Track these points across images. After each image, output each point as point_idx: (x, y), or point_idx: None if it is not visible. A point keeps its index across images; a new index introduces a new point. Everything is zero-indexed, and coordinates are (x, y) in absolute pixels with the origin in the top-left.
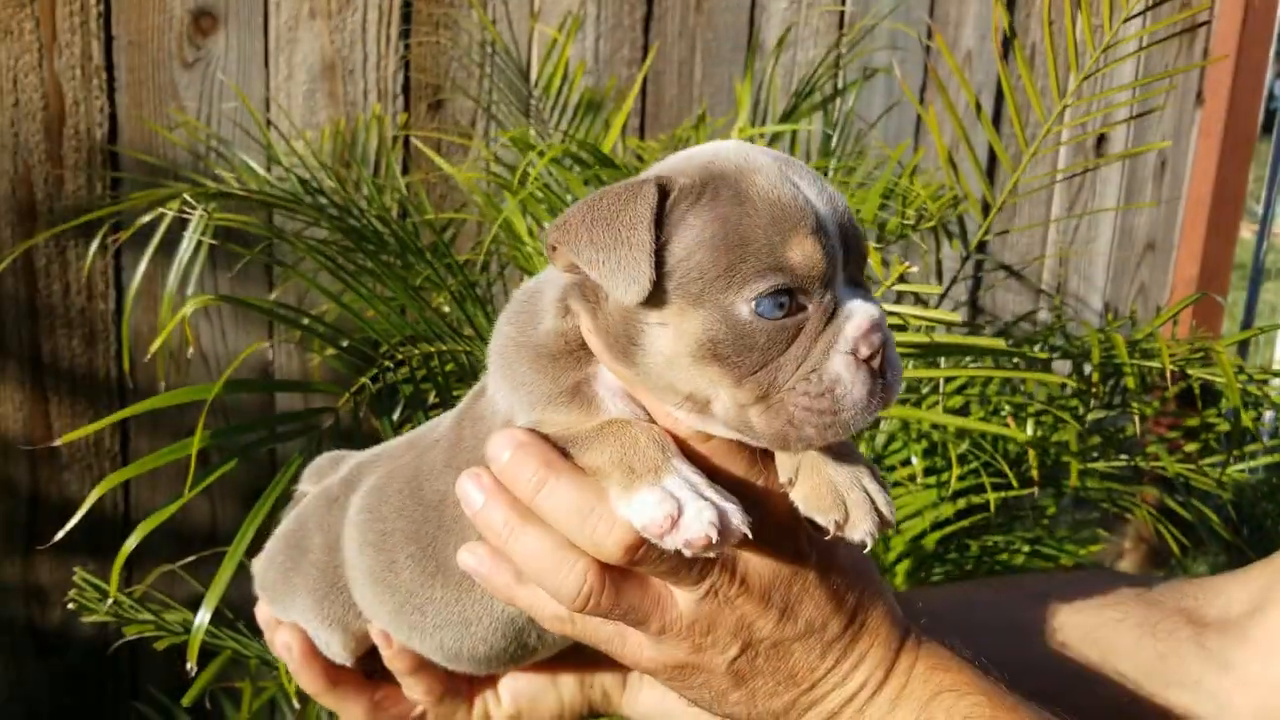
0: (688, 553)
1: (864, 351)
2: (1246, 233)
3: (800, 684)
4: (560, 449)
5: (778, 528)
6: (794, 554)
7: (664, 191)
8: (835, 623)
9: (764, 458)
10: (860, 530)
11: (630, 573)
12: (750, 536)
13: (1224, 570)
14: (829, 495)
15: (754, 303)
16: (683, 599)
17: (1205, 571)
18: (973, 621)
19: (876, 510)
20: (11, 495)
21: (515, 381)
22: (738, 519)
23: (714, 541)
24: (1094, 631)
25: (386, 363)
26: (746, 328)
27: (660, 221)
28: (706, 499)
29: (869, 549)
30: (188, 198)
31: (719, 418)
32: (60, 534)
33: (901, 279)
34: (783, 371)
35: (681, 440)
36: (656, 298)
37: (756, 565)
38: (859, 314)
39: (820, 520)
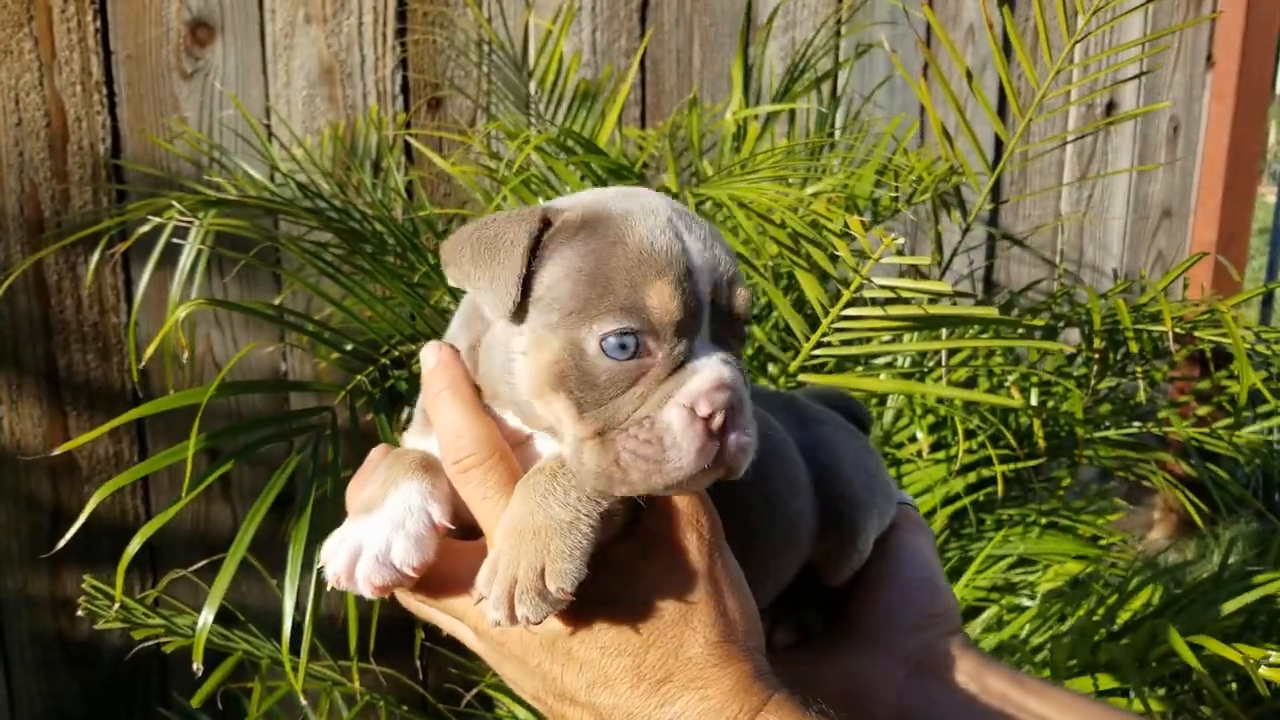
0: (368, 594)
1: (702, 408)
2: (1270, 195)
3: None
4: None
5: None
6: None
7: (547, 222)
8: (624, 680)
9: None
10: (489, 613)
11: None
12: (410, 574)
13: (1253, 538)
14: (488, 569)
15: (601, 339)
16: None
17: (1231, 540)
18: None
19: (511, 603)
20: (35, 510)
21: None
22: (399, 555)
23: (378, 584)
24: None
25: (384, 360)
26: (591, 363)
27: (537, 250)
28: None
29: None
30: (180, 206)
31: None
32: (65, 538)
33: (899, 252)
34: (619, 412)
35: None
36: (524, 324)
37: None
38: (706, 370)
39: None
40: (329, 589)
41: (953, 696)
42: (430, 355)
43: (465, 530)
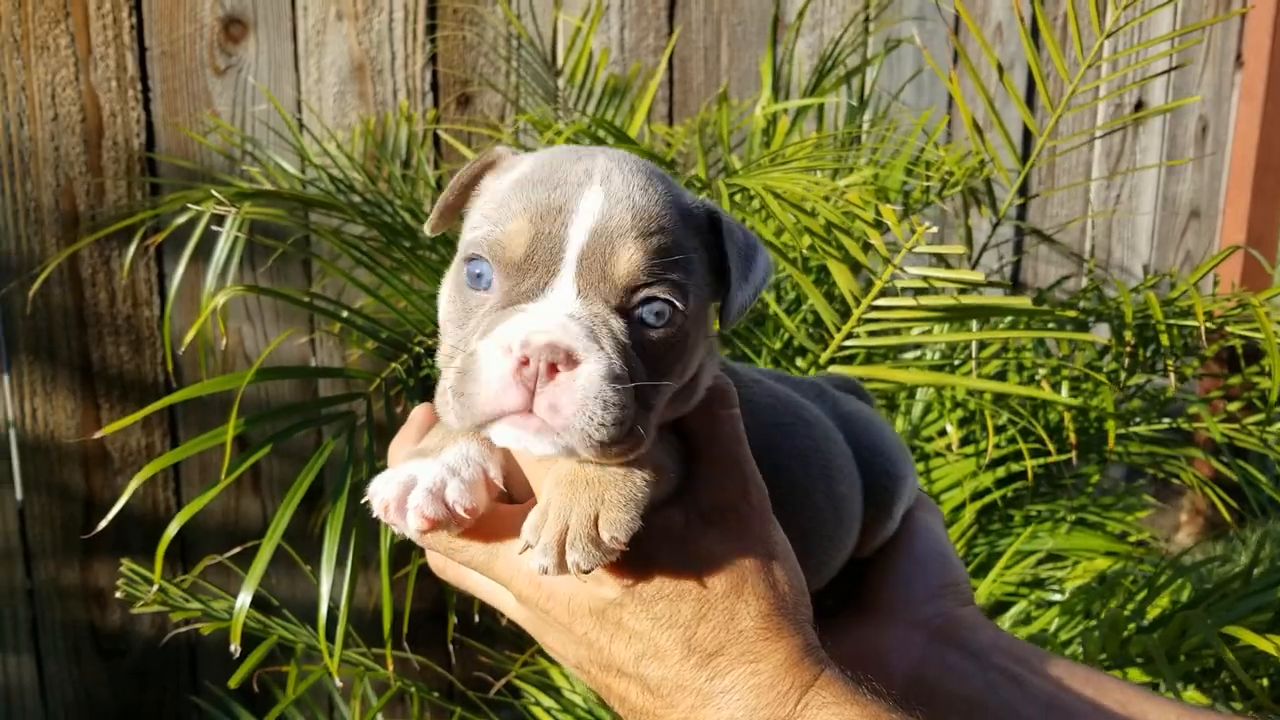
0: (415, 526)
1: (514, 351)
2: None
3: (658, 696)
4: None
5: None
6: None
7: (490, 163)
8: (675, 652)
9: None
10: (536, 559)
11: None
12: (464, 515)
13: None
14: (538, 516)
15: (464, 268)
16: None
17: (1260, 539)
18: None
19: (561, 549)
20: (68, 500)
21: None
22: (454, 494)
23: (434, 520)
24: None
25: (417, 348)
26: (454, 291)
27: (474, 185)
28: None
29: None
30: (219, 195)
31: None
32: (102, 524)
33: (929, 243)
34: (458, 343)
35: None
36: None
37: (562, 589)
38: (534, 318)
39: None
40: (382, 536)
41: (968, 664)
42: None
43: (513, 503)
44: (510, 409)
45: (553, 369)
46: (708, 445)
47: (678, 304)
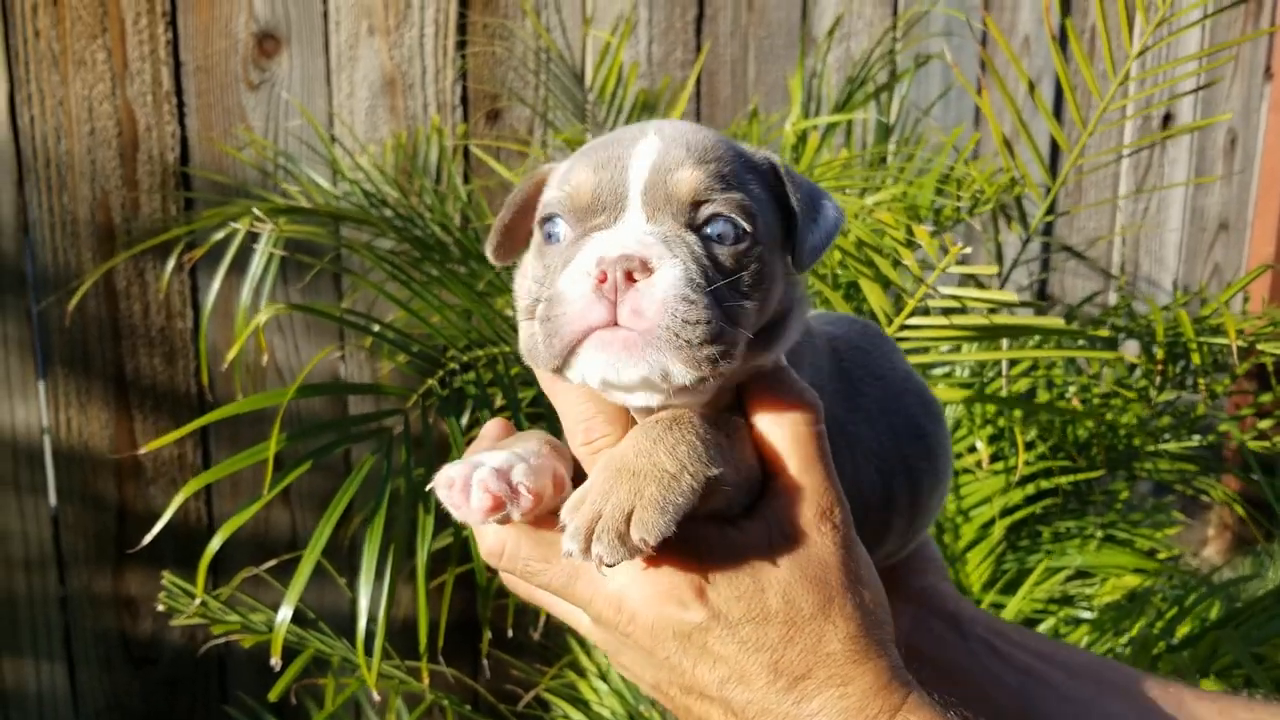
0: (479, 503)
1: (592, 271)
2: None
3: (743, 719)
4: None
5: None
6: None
7: (541, 181)
8: (761, 677)
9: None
10: (565, 542)
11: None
12: (529, 497)
13: None
14: (578, 497)
15: (540, 231)
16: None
17: None
18: None
19: (589, 538)
20: (101, 510)
21: None
22: (519, 475)
23: (496, 503)
24: None
25: (452, 365)
26: (533, 259)
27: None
28: (497, 467)
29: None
30: (258, 212)
31: None
32: (148, 538)
33: (960, 261)
34: (544, 290)
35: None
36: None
37: (641, 604)
38: (607, 239)
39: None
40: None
41: (952, 634)
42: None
43: None
44: (595, 323)
45: (629, 278)
46: (791, 461)
47: (743, 223)
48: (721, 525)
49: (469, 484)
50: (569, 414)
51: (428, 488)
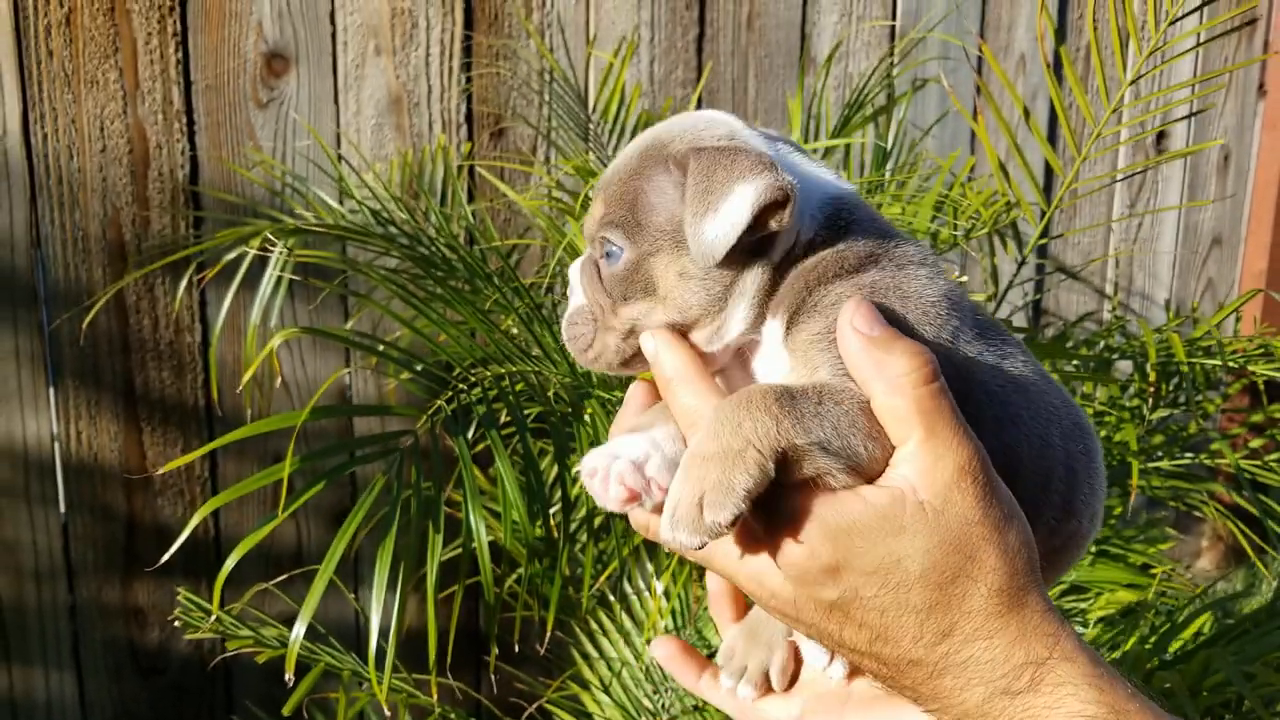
0: (616, 492)
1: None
2: None
3: (892, 668)
4: None
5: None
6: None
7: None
8: (907, 636)
9: None
10: (661, 531)
11: None
12: (655, 491)
13: None
14: (673, 486)
15: None
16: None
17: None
18: None
19: (684, 524)
20: (110, 521)
21: None
22: (653, 469)
23: (630, 495)
24: None
25: (459, 384)
26: None
27: None
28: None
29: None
30: (269, 235)
31: None
32: (165, 557)
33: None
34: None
35: None
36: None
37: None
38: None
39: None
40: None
41: None
42: (648, 343)
43: None
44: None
45: None
46: (913, 425)
47: (617, 244)
48: (853, 495)
49: (608, 476)
50: (681, 417)
51: (573, 470)
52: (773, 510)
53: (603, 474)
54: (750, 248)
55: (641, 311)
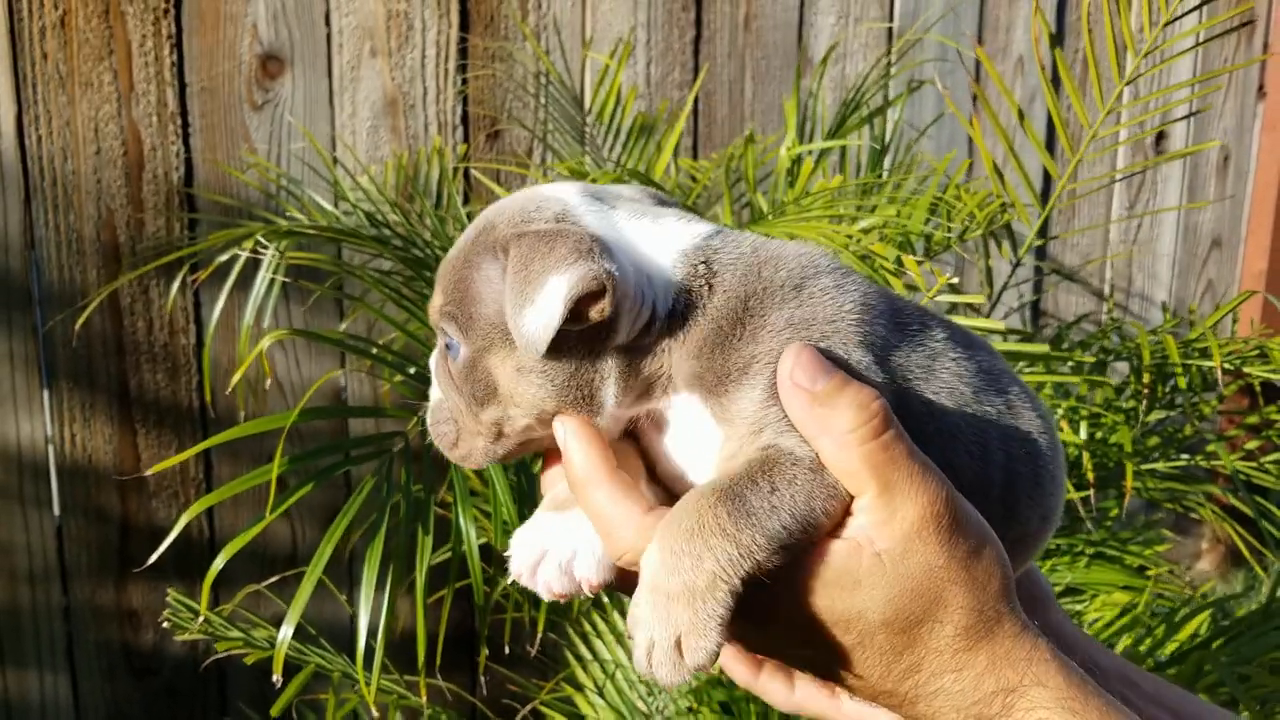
0: (545, 597)
1: None
2: None
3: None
4: None
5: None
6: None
7: None
8: (874, 673)
9: None
10: (636, 662)
11: None
12: (593, 584)
13: None
14: (633, 616)
15: None
16: None
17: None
18: None
19: (667, 665)
20: (104, 522)
21: None
22: (582, 569)
23: (565, 590)
24: None
25: None
26: None
27: None
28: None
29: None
30: (261, 238)
31: None
32: (154, 557)
33: (951, 289)
34: None
35: None
36: None
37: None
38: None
39: None
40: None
41: None
42: (559, 430)
43: None
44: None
45: None
46: (867, 479)
47: (452, 335)
48: (815, 557)
49: (535, 577)
50: (596, 523)
51: (505, 553)
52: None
53: (529, 574)
54: (592, 333)
55: (497, 414)
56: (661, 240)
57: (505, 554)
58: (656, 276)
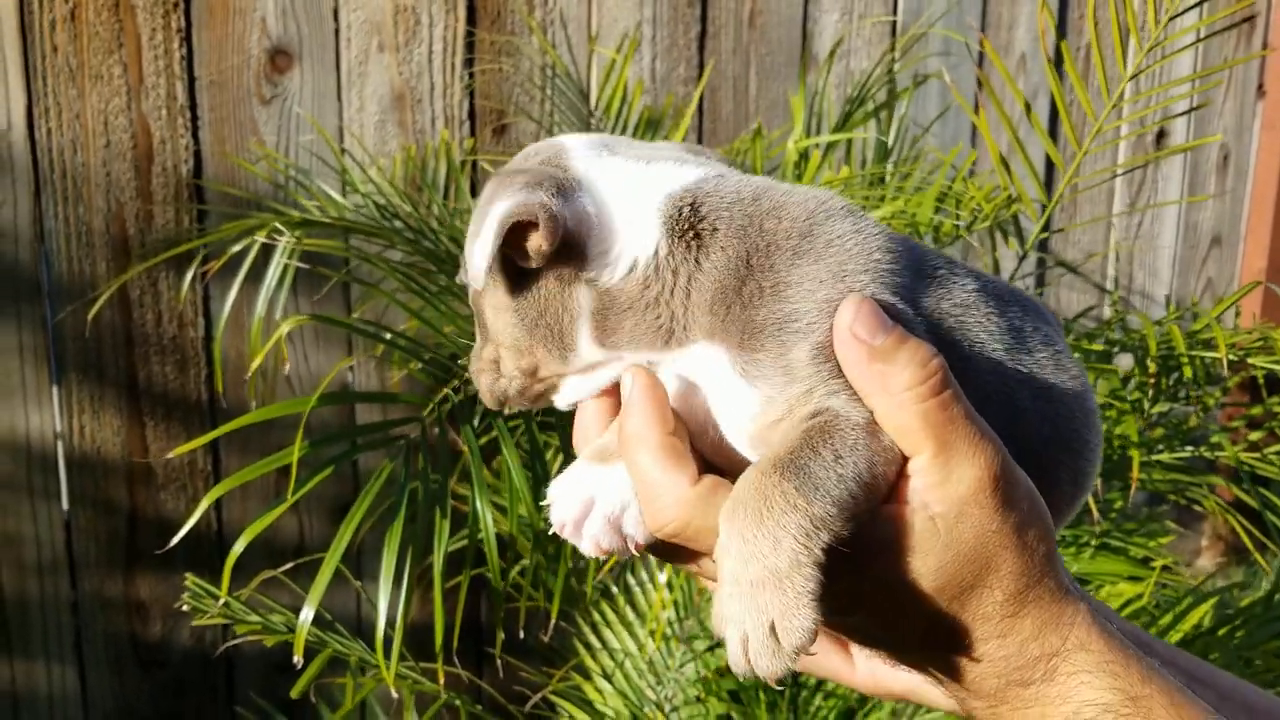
0: (589, 553)
1: None
2: None
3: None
4: None
5: None
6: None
7: None
8: (915, 639)
9: None
10: (731, 662)
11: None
12: (640, 546)
13: None
14: (718, 611)
15: None
16: None
17: None
18: None
19: (767, 657)
20: (112, 514)
21: None
22: (630, 525)
23: (609, 548)
24: None
25: (465, 375)
26: None
27: None
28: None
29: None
30: (278, 225)
31: None
32: (172, 543)
33: None
34: None
35: None
36: None
37: None
38: None
39: None
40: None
41: None
42: (625, 381)
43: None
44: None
45: None
46: (923, 439)
47: (462, 280)
48: (868, 523)
49: (580, 531)
50: (638, 484)
51: (541, 503)
52: None
53: (573, 527)
54: (562, 274)
55: (493, 353)
56: (647, 182)
57: (543, 506)
58: (635, 217)
